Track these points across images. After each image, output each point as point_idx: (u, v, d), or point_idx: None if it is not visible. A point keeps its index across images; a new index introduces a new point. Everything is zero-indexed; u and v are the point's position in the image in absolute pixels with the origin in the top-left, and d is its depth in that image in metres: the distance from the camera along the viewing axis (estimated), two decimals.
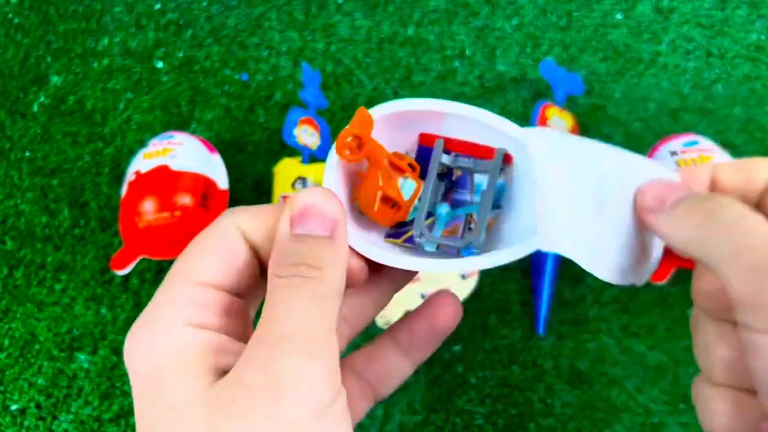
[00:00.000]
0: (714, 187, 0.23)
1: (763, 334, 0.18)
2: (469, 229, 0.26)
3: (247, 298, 0.24)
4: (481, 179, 0.26)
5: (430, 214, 0.26)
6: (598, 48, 0.67)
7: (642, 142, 0.61)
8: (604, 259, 0.23)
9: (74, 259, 0.60)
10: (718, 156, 0.54)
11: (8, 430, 0.54)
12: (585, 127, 0.63)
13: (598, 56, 0.67)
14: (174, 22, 0.71)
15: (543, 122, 0.58)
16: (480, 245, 0.25)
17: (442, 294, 0.27)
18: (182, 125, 0.65)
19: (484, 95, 0.65)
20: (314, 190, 0.22)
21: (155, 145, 0.57)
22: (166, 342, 0.21)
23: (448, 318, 0.27)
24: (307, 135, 0.59)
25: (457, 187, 0.27)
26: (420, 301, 0.28)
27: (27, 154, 0.65)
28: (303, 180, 0.58)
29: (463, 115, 0.25)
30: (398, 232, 0.27)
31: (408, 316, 0.28)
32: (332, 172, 0.26)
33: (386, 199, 0.25)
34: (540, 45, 0.68)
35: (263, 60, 0.68)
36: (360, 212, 0.26)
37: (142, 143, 0.62)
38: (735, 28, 0.68)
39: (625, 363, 0.54)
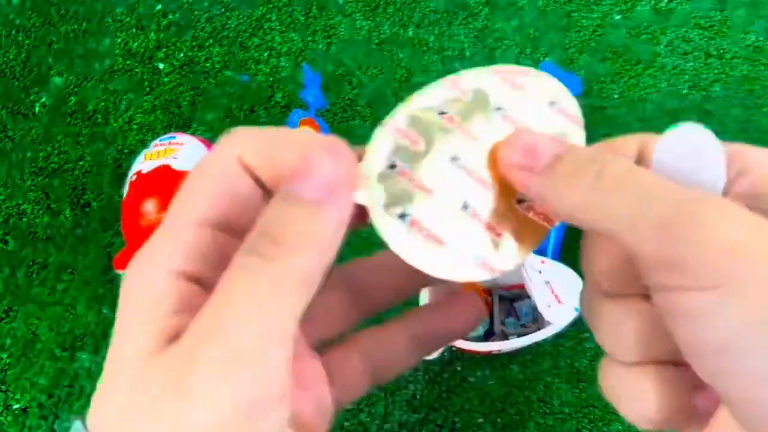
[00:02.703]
0: (641, 162, 0.20)
1: (683, 291, 0.16)
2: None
3: (244, 230, 0.20)
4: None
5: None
6: (596, 49, 0.68)
7: None
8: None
9: (76, 259, 0.60)
10: None
11: (10, 429, 0.54)
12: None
13: (597, 57, 0.67)
14: (175, 24, 0.71)
15: None
16: None
17: (467, 296, 0.26)
18: (183, 126, 0.65)
19: None
20: (323, 140, 0.18)
21: (157, 145, 0.58)
22: (145, 290, 0.18)
23: (469, 321, 0.26)
24: None
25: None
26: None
27: (29, 154, 0.65)
28: None
29: None
30: None
31: (427, 309, 0.27)
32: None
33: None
34: (539, 46, 0.68)
35: (264, 61, 0.68)
36: None
37: (143, 144, 0.62)
38: (734, 29, 0.68)
39: None
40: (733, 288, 0.15)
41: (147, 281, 0.18)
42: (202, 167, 0.20)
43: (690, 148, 0.18)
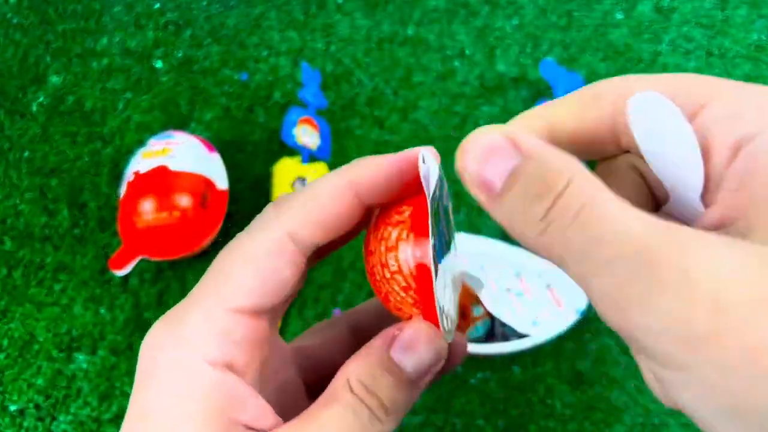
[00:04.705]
0: (552, 139, 0.18)
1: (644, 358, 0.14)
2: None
3: (276, 315, 0.21)
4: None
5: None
6: (598, 48, 0.67)
7: None
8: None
9: (73, 259, 0.60)
10: None
11: (7, 430, 0.54)
12: None
13: (599, 56, 0.67)
14: (173, 22, 0.70)
15: None
16: None
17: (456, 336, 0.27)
18: (181, 125, 0.65)
19: (484, 95, 0.65)
20: (429, 326, 0.20)
21: (154, 145, 0.57)
22: (184, 381, 0.18)
23: (458, 358, 0.26)
24: (306, 135, 0.59)
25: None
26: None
27: (26, 154, 0.65)
28: (302, 180, 0.58)
29: None
30: None
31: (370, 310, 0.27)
32: None
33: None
34: (540, 45, 0.68)
35: (263, 60, 0.68)
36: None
37: (141, 143, 0.62)
38: (735, 27, 0.68)
39: (625, 363, 0.54)
40: (695, 374, 0.13)
41: (185, 372, 0.18)
42: (246, 243, 0.20)
43: (658, 114, 0.16)
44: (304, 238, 0.20)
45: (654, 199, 0.18)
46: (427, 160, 0.20)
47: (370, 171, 0.21)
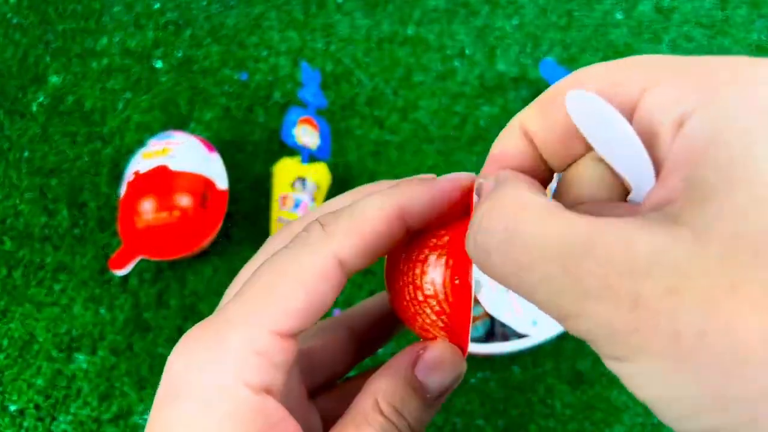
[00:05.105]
0: (529, 146, 0.18)
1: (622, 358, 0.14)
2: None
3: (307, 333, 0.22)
4: None
5: None
6: (598, 48, 0.67)
7: None
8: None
9: (73, 259, 0.60)
10: None
11: (7, 430, 0.54)
12: None
13: (599, 56, 0.67)
14: (173, 22, 0.70)
15: None
16: None
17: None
18: (181, 125, 0.65)
19: (484, 95, 0.65)
20: (453, 348, 0.21)
21: (154, 144, 0.57)
22: (222, 403, 0.18)
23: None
24: (306, 135, 0.59)
25: None
26: None
27: (26, 153, 0.65)
28: (302, 180, 0.58)
29: None
30: None
31: (367, 310, 0.27)
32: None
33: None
34: (540, 44, 0.68)
35: (262, 59, 0.68)
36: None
37: (141, 143, 0.62)
38: (735, 27, 0.68)
39: None
40: (635, 369, 0.13)
41: (225, 393, 0.18)
42: (292, 265, 0.19)
43: (594, 112, 0.16)
44: (352, 264, 0.19)
45: (625, 188, 0.18)
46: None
47: (421, 196, 0.20)
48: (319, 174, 0.58)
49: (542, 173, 0.19)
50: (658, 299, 0.12)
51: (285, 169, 0.59)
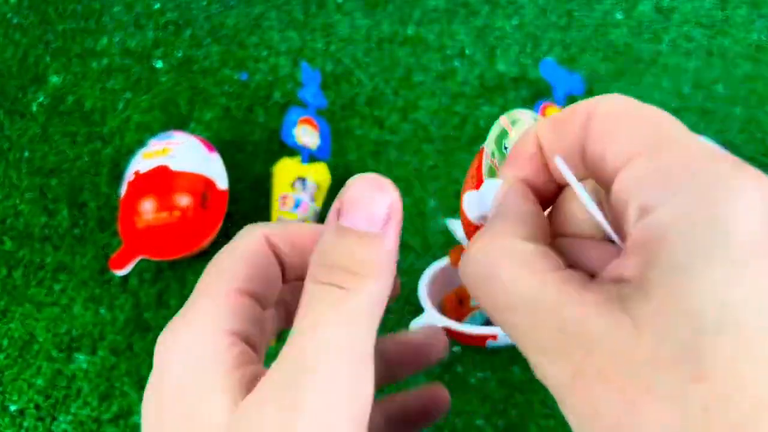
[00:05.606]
0: (542, 156, 0.19)
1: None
2: None
3: (267, 306, 0.23)
4: None
5: None
6: (598, 48, 0.67)
7: None
8: None
9: (73, 259, 0.60)
10: None
11: (7, 430, 0.54)
12: None
13: (599, 56, 0.67)
14: (173, 22, 0.70)
15: None
16: None
17: (436, 330, 0.28)
18: (181, 125, 0.65)
19: (484, 95, 0.65)
20: (367, 177, 0.19)
21: (154, 144, 0.57)
22: (205, 347, 0.19)
23: (440, 352, 0.27)
24: (306, 135, 0.59)
25: None
26: None
27: (26, 153, 0.65)
28: (302, 180, 0.58)
29: None
30: None
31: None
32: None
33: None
34: (540, 44, 0.68)
35: (262, 59, 0.68)
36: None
37: (141, 143, 0.62)
38: (735, 27, 0.68)
39: None
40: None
41: (204, 341, 0.19)
42: (236, 242, 0.22)
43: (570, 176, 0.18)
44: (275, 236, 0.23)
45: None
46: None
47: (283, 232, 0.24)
48: (319, 174, 0.58)
49: (550, 184, 0.20)
50: (593, 378, 0.14)
51: (285, 169, 0.59)
